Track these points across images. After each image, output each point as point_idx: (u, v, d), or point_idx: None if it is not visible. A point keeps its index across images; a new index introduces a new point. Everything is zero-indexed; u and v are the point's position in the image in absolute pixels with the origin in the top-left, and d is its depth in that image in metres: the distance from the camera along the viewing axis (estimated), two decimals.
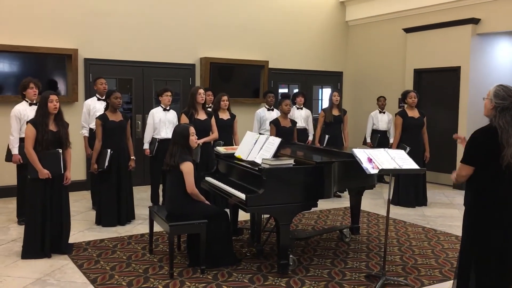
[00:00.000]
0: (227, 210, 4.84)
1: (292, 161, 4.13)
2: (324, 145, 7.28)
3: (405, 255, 4.72)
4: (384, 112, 8.61)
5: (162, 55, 8.21)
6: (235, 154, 4.64)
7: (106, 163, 5.47)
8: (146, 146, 6.43)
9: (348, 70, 10.38)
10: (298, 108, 7.62)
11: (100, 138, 5.54)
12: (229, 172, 4.74)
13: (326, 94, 10.32)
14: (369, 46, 9.95)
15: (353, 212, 5.36)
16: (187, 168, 4.18)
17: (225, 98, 6.43)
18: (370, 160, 3.88)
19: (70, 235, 4.77)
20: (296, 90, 9.28)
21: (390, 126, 8.51)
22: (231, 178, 4.62)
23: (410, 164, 3.98)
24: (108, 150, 5.48)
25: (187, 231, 4.24)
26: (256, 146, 4.41)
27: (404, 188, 6.85)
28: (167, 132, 6.23)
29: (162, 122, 6.36)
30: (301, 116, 7.55)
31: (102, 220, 5.59)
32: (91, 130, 6.22)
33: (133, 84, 8.11)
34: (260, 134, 4.77)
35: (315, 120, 8.06)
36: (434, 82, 8.79)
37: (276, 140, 4.27)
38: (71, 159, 4.71)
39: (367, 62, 10.00)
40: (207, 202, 4.38)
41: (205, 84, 8.27)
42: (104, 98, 5.95)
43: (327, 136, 7.45)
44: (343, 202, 6.98)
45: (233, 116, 6.54)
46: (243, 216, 5.56)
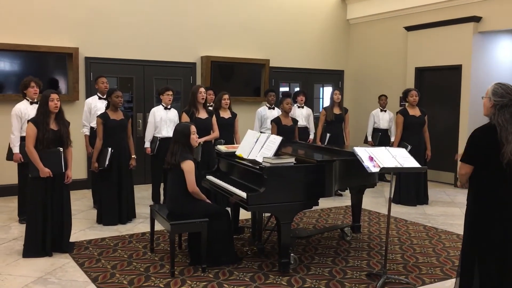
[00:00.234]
0: (228, 209, 4.84)
1: (293, 159, 4.13)
2: (325, 143, 7.27)
3: (406, 253, 4.72)
4: (385, 111, 8.60)
5: (163, 54, 8.20)
6: (236, 153, 4.64)
7: (107, 162, 5.48)
8: (147, 144, 6.43)
9: (349, 69, 10.37)
10: (299, 107, 7.61)
11: (101, 136, 5.54)
12: (230, 170, 4.74)
13: (327, 92, 10.30)
14: (370, 45, 9.94)
15: (354, 211, 5.36)
16: (188, 167, 4.18)
17: (226, 96, 6.43)
18: (371, 159, 3.88)
19: (71, 234, 4.77)
20: (297, 89, 9.28)
21: (391, 124, 8.50)
22: (232, 177, 4.62)
23: (411, 162, 3.98)
24: (109, 149, 5.48)
25: (188, 230, 4.24)
26: (257, 145, 4.41)
27: (405, 186, 6.84)
28: (168, 131, 6.23)
29: (163, 121, 6.36)
30: (302, 114, 7.55)
31: (103, 219, 5.59)
32: (92, 128, 6.23)
33: (134, 82, 8.11)
34: (261, 132, 4.76)
35: (316, 119, 8.06)
36: (435, 81, 8.78)
37: (277, 139, 4.26)
38: (72, 157, 4.71)
39: (368, 61, 9.99)
40: (208, 201, 4.38)
41: (206, 83, 8.27)
42: (105, 96, 5.95)
43: (328, 134, 7.44)
44: (344, 200, 6.98)
45: (234, 115, 6.54)
46: (244, 215, 5.56)
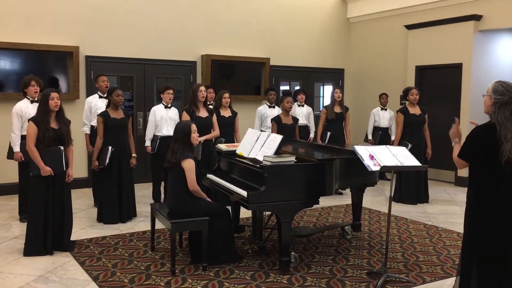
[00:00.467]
0: (229, 207, 4.84)
1: (293, 158, 4.13)
2: (326, 142, 7.27)
3: (406, 252, 4.72)
4: (385, 109, 8.60)
5: (163, 53, 8.20)
6: (236, 151, 4.64)
7: (107, 160, 5.48)
8: (147, 143, 6.43)
9: (349, 67, 10.37)
10: (299, 105, 7.60)
11: (101, 135, 5.55)
12: (230, 169, 4.74)
13: (327, 91, 10.30)
14: (370, 43, 9.94)
15: (354, 209, 5.36)
16: (189, 165, 4.18)
17: (226, 95, 6.43)
18: (372, 157, 3.88)
19: (72, 232, 4.77)
20: (298, 87, 9.27)
21: (392, 123, 8.49)
22: (232, 175, 4.62)
23: (411, 161, 3.98)
24: (109, 147, 5.48)
25: (188, 228, 4.24)
26: (258, 143, 4.40)
27: (406, 185, 6.84)
28: (169, 130, 6.23)
29: (164, 120, 6.36)
30: (302, 113, 7.54)
31: (103, 217, 5.60)
32: (92, 127, 6.23)
33: (134, 81, 8.11)
34: (262, 131, 4.76)
35: (317, 117, 8.06)
36: (436, 79, 8.77)
37: (278, 137, 4.26)
38: (73, 156, 4.72)
39: (369, 59, 9.98)
40: (208, 199, 4.39)
41: (206, 82, 8.27)
42: (105, 95, 5.95)
43: (329, 133, 7.44)
44: (345, 199, 6.98)
45: (234, 114, 6.54)
46: (244, 213, 5.57)
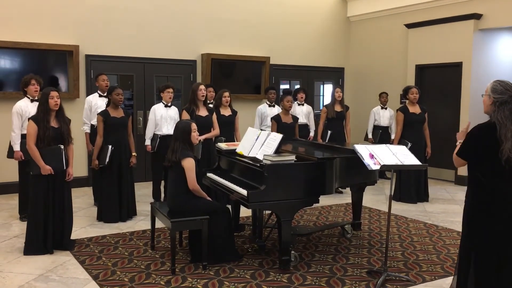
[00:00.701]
0: (229, 206, 4.85)
1: (293, 157, 4.13)
2: (326, 141, 7.28)
3: (406, 251, 4.73)
4: (386, 108, 8.60)
5: (163, 51, 8.20)
6: (236, 150, 4.63)
7: (107, 159, 5.48)
8: (147, 142, 6.43)
9: (349, 66, 10.37)
10: (299, 104, 7.60)
11: (101, 134, 5.55)
12: (230, 168, 4.74)
13: (327, 90, 10.30)
14: (370, 42, 9.93)
15: (354, 208, 5.36)
16: (189, 164, 4.18)
17: (226, 94, 6.43)
18: (372, 156, 3.88)
19: (72, 231, 4.77)
20: (298, 86, 9.27)
21: (392, 122, 8.50)
22: (232, 174, 4.62)
23: (411, 160, 3.98)
24: (109, 146, 5.49)
25: (188, 227, 4.24)
26: (258, 142, 4.40)
27: (406, 184, 6.84)
28: (169, 128, 6.23)
29: (164, 118, 6.35)
30: (302, 112, 7.54)
31: (103, 216, 5.60)
32: (92, 126, 6.23)
33: (134, 80, 8.11)
34: (262, 130, 4.76)
35: (317, 116, 8.05)
36: (436, 78, 8.77)
37: (278, 136, 4.26)
38: (73, 155, 4.72)
39: (369, 58, 9.98)
40: (208, 198, 4.39)
41: (206, 80, 8.26)
42: (105, 94, 5.96)
43: (329, 132, 7.45)
44: (345, 198, 6.99)
45: (234, 112, 6.54)
46: (244, 212, 5.57)
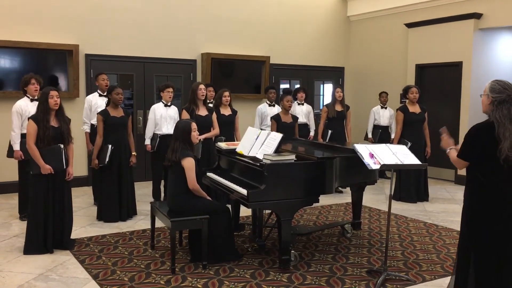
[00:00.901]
0: (229, 206, 4.85)
1: (293, 156, 4.13)
2: (327, 140, 7.28)
3: (406, 250, 4.73)
4: (385, 108, 8.60)
5: (163, 51, 8.19)
6: (236, 150, 4.64)
7: (107, 159, 5.48)
8: (147, 141, 6.42)
9: (349, 66, 10.36)
10: (299, 104, 7.60)
11: (101, 133, 5.55)
12: (230, 167, 4.74)
13: (327, 89, 10.30)
14: (370, 41, 9.93)
15: (354, 208, 5.36)
16: (189, 164, 4.18)
17: (226, 93, 6.42)
18: (372, 156, 3.88)
19: (72, 231, 4.77)
20: (298, 86, 9.26)
21: (392, 121, 8.50)
22: (232, 174, 4.62)
23: (411, 159, 3.98)
24: (109, 146, 5.49)
25: (188, 227, 4.24)
26: (258, 142, 4.40)
27: (406, 183, 6.84)
28: (168, 128, 6.23)
29: (163, 118, 6.35)
30: (302, 111, 7.54)
31: (103, 216, 5.60)
32: (92, 126, 6.22)
33: (134, 79, 8.11)
34: (262, 129, 4.76)
35: (317, 116, 8.05)
36: (436, 78, 8.77)
37: (278, 136, 4.26)
38: (73, 154, 4.72)
39: (369, 58, 9.98)
40: (208, 198, 4.39)
41: (206, 80, 8.26)
42: (105, 94, 5.95)
43: (330, 131, 7.45)
44: (345, 197, 6.99)
45: (234, 112, 6.54)
46: (244, 212, 5.57)
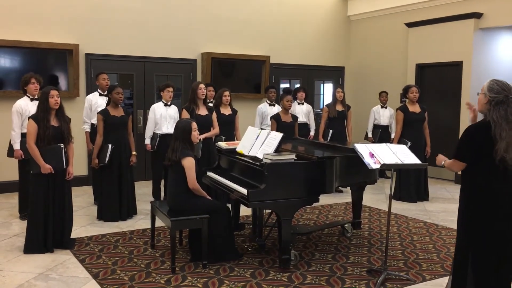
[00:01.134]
0: (229, 205, 4.85)
1: (293, 156, 4.13)
2: (328, 140, 7.28)
3: (406, 250, 4.73)
4: (386, 107, 8.60)
5: (163, 50, 8.19)
6: (236, 149, 4.64)
7: (107, 158, 5.48)
8: (147, 141, 6.43)
9: (349, 65, 10.36)
10: (299, 103, 7.61)
11: (101, 133, 5.55)
12: (230, 167, 4.74)
13: (327, 89, 10.31)
14: (371, 41, 9.93)
15: (354, 207, 5.36)
16: (189, 163, 4.18)
17: (226, 93, 6.42)
18: (372, 155, 3.88)
19: (72, 230, 4.77)
20: (298, 85, 9.26)
21: (392, 121, 8.50)
22: (232, 173, 4.62)
23: (412, 159, 3.98)
24: (109, 145, 5.49)
25: (188, 226, 4.24)
26: (258, 141, 4.40)
27: (406, 183, 6.84)
28: (168, 127, 6.23)
29: (163, 117, 6.35)
30: (302, 111, 7.54)
31: (103, 215, 5.60)
32: (92, 125, 6.22)
33: (134, 79, 8.11)
34: (262, 129, 4.76)
35: (317, 115, 8.05)
36: (436, 77, 8.77)
37: (278, 135, 4.26)
38: (73, 154, 4.72)
39: (369, 57, 9.98)
40: (208, 197, 4.39)
41: (206, 79, 8.26)
42: (106, 93, 5.95)
43: (330, 131, 7.45)
44: (345, 197, 6.99)
45: (234, 112, 6.54)
46: (244, 211, 5.57)
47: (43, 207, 4.49)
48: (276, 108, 7.28)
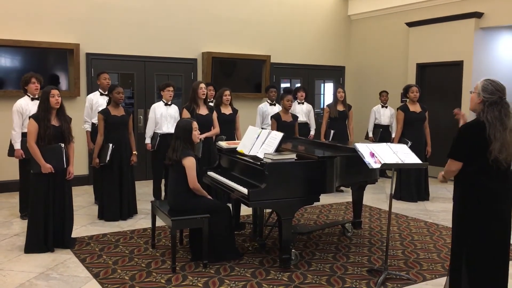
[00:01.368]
0: (229, 205, 4.85)
1: (294, 155, 4.13)
2: (329, 140, 7.28)
3: (407, 249, 4.73)
4: (386, 107, 8.60)
5: (164, 50, 8.19)
6: (237, 149, 4.64)
7: (108, 158, 5.49)
8: (147, 140, 6.43)
9: (350, 65, 10.36)
10: (299, 103, 7.61)
11: (102, 132, 5.55)
12: (231, 166, 4.74)
13: (328, 88, 10.31)
14: (371, 41, 9.92)
15: (355, 207, 5.36)
16: (190, 163, 4.18)
17: (227, 93, 6.42)
18: (373, 155, 3.88)
19: (72, 230, 4.78)
20: (298, 85, 9.27)
21: (393, 120, 8.49)
22: (233, 173, 4.62)
23: (412, 158, 3.98)
24: (110, 145, 5.49)
25: (189, 226, 4.24)
26: (258, 141, 4.41)
27: (406, 182, 6.84)
28: (169, 127, 6.24)
29: (164, 117, 6.35)
30: (302, 111, 7.55)
31: (104, 215, 5.61)
32: (93, 125, 6.23)
33: (135, 78, 8.11)
34: (263, 129, 4.76)
35: (317, 115, 8.05)
36: (436, 77, 8.76)
37: (279, 135, 4.26)
38: (73, 153, 4.72)
39: (370, 57, 9.97)
40: (209, 197, 4.39)
41: (207, 79, 8.26)
42: (106, 93, 5.96)
43: (332, 131, 7.46)
44: (345, 196, 6.99)
45: (235, 111, 6.54)
46: (245, 211, 5.57)
47: (44, 206, 4.49)
48: (277, 108, 7.27)
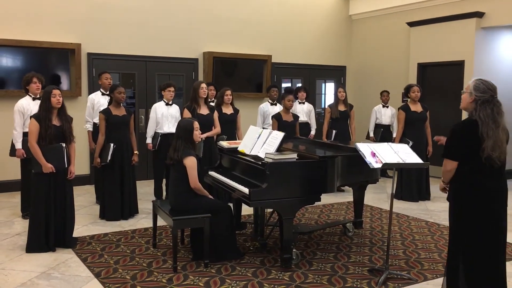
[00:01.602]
0: (231, 204, 4.85)
1: (295, 155, 4.13)
2: (332, 140, 7.28)
3: (408, 249, 4.73)
4: (387, 107, 8.59)
5: (165, 50, 8.20)
6: (238, 149, 4.64)
7: (109, 157, 5.49)
8: (148, 140, 6.44)
9: (351, 65, 10.36)
10: (300, 103, 7.61)
11: (103, 132, 5.56)
12: (232, 166, 4.74)
13: (329, 88, 10.30)
14: (372, 40, 9.92)
15: (356, 207, 5.36)
16: (191, 163, 4.19)
17: (228, 92, 6.43)
18: (374, 154, 3.88)
19: (74, 229, 4.78)
20: (299, 85, 9.27)
21: (394, 120, 8.49)
22: (234, 173, 4.62)
23: (413, 158, 3.98)
24: (111, 144, 5.50)
25: (190, 225, 4.25)
26: (259, 141, 4.41)
27: (407, 182, 6.85)
28: (170, 127, 6.24)
29: (165, 117, 6.36)
30: (303, 110, 7.55)
31: (105, 214, 5.61)
32: (95, 124, 6.24)
33: (136, 78, 8.12)
34: (264, 128, 4.76)
35: (318, 115, 8.05)
36: (437, 76, 8.76)
37: (280, 135, 4.27)
38: (75, 153, 4.73)
39: (371, 56, 9.97)
40: (210, 197, 4.39)
41: (208, 79, 8.26)
42: (108, 92, 5.96)
43: (334, 131, 7.46)
44: (346, 196, 6.99)
45: (236, 111, 6.54)
46: (246, 210, 5.57)
47: (45, 206, 4.50)
48: (278, 108, 7.28)
